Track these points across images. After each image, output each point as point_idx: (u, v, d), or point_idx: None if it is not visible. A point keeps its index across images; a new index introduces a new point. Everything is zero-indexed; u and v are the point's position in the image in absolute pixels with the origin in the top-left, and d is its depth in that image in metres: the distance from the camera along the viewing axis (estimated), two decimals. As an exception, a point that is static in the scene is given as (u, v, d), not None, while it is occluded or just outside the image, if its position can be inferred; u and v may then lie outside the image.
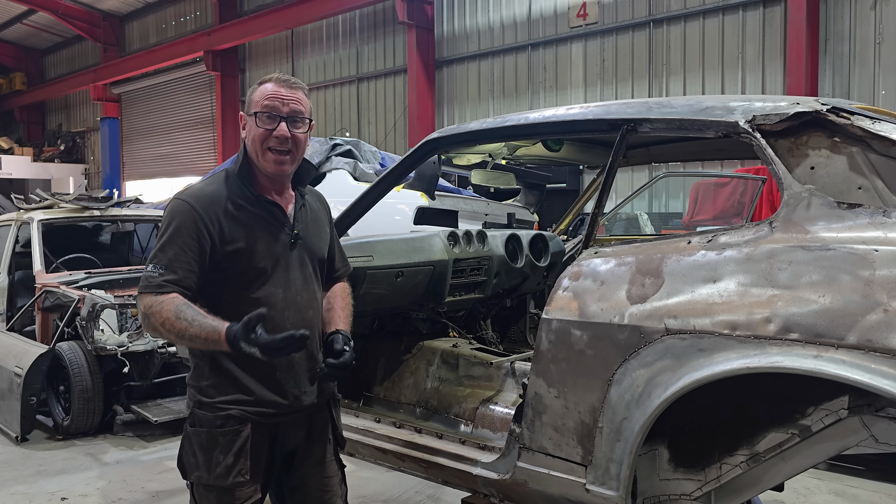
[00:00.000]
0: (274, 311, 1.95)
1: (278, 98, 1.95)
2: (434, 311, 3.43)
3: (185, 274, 1.88)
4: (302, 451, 2.09)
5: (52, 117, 26.56)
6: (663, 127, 2.25)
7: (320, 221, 2.18)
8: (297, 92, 1.99)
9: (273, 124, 1.94)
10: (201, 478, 1.96)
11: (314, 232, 2.12)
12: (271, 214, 2.01)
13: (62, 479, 4.33)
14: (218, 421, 1.95)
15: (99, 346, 4.93)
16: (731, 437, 2.08)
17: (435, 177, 3.24)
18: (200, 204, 1.93)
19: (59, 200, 6.32)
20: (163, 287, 1.85)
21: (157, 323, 1.84)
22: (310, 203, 2.15)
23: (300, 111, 1.98)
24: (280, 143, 1.95)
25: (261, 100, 1.96)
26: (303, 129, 1.99)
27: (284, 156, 1.97)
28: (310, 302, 2.07)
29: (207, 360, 1.98)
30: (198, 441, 1.97)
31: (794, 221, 1.88)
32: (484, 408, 2.84)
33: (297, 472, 2.10)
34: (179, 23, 20.27)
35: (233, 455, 1.93)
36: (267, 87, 1.98)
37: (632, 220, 9.67)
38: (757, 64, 10.08)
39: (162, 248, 1.90)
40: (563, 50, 12.22)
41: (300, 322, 2.00)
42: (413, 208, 5.82)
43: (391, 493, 3.94)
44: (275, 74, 2.03)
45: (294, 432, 2.06)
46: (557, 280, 2.24)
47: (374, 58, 15.28)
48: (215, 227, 1.92)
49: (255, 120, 1.95)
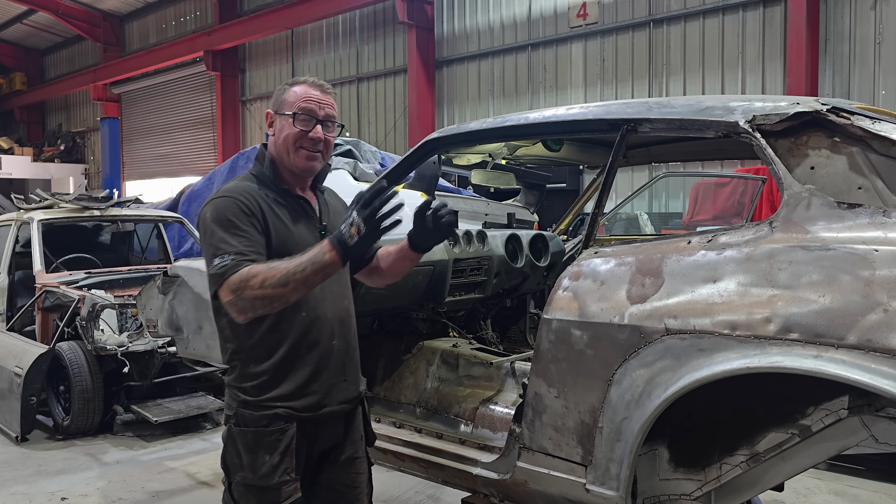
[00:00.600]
0: (314, 302, 1.99)
1: (315, 101, 2.02)
2: (434, 311, 3.43)
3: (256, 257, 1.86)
4: (338, 447, 2.12)
5: (52, 117, 26.56)
6: (663, 127, 2.25)
7: (340, 216, 2.21)
8: (331, 97, 2.07)
9: (309, 126, 2.01)
10: (245, 478, 1.96)
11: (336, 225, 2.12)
12: (301, 208, 2.07)
13: (62, 479, 4.33)
14: (264, 420, 1.95)
15: (99, 346, 4.93)
16: (731, 437, 2.08)
17: (435, 177, 3.24)
18: (241, 196, 1.95)
19: (59, 200, 6.32)
20: (241, 264, 1.81)
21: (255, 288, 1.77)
22: (329, 201, 2.21)
23: (333, 115, 2.06)
24: (314, 144, 2.02)
25: (297, 101, 2.01)
26: (333, 133, 2.08)
27: (316, 153, 2.03)
28: (344, 292, 2.11)
29: (250, 359, 1.98)
30: (243, 441, 1.96)
31: (794, 221, 1.88)
32: (484, 408, 2.84)
33: (330, 468, 2.12)
34: (179, 23, 20.27)
35: (279, 454, 1.94)
36: (303, 88, 2.03)
37: (632, 220, 9.67)
38: (757, 64, 10.08)
39: (223, 241, 1.86)
40: (563, 50, 12.22)
41: (339, 311, 2.07)
42: (413, 208, 5.81)
43: (391, 493, 3.94)
44: (308, 77, 2.08)
45: (334, 429, 2.09)
46: (557, 280, 2.24)
47: (374, 58, 15.28)
48: (259, 214, 1.95)
49: (293, 120, 2.00)
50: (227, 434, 2.02)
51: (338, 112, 2.10)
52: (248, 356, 1.99)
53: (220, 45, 17.60)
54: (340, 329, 2.06)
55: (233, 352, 2.02)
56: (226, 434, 2.03)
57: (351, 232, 1.74)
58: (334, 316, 2.04)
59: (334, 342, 2.04)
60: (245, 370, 1.99)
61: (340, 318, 2.07)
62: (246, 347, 1.99)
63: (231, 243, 1.85)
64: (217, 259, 1.84)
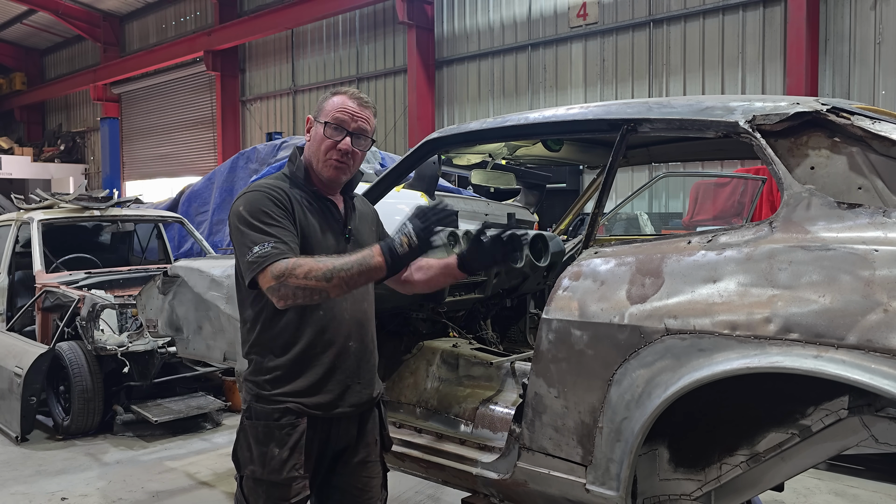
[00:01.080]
0: (333, 302, 2.01)
1: (350, 112, 2.03)
2: (434, 311, 3.43)
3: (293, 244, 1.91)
4: (351, 449, 2.13)
5: (52, 117, 26.55)
6: (663, 127, 2.25)
7: (368, 223, 2.26)
8: (368, 111, 2.08)
9: (339, 136, 2.03)
10: (255, 472, 1.99)
11: (363, 230, 2.20)
12: (329, 211, 2.10)
13: (62, 479, 4.33)
14: (275, 414, 1.98)
15: (99, 346, 4.93)
16: (731, 437, 2.08)
17: (435, 177, 3.24)
18: (273, 190, 1.99)
19: (59, 200, 6.32)
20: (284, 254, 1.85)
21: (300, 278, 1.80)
22: (358, 206, 2.23)
23: (366, 130, 2.07)
24: (342, 155, 2.04)
25: (332, 111, 2.04)
26: (364, 147, 2.08)
27: (343, 164, 2.05)
28: (364, 294, 2.13)
29: (267, 354, 2.02)
30: (254, 434, 2.00)
31: (794, 221, 1.88)
32: (484, 408, 2.84)
33: (342, 470, 2.12)
34: (179, 23, 20.27)
35: (288, 449, 1.96)
36: (340, 99, 2.05)
37: (632, 220, 9.67)
38: (757, 64, 10.08)
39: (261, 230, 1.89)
40: (563, 50, 12.22)
41: (357, 313, 2.09)
42: (413, 208, 5.81)
43: (391, 492, 3.93)
44: (350, 89, 2.11)
45: (347, 430, 2.10)
46: (557, 280, 2.24)
47: (374, 58, 15.28)
48: (290, 209, 1.99)
49: (325, 129, 2.02)
50: (239, 427, 2.06)
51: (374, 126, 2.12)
52: (265, 350, 2.03)
53: (220, 45, 17.60)
54: (358, 331, 2.09)
55: (251, 345, 2.06)
56: (239, 427, 2.07)
57: (402, 241, 1.81)
58: (352, 317, 2.07)
59: (350, 343, 2.06)
60: (261, 364, 2.03)
61: (358, 319, 2.09)
62: (264, 341, 2.03)
63: (270, 233, 1.90)
64: (257, 247, 1.87)
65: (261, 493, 1.98)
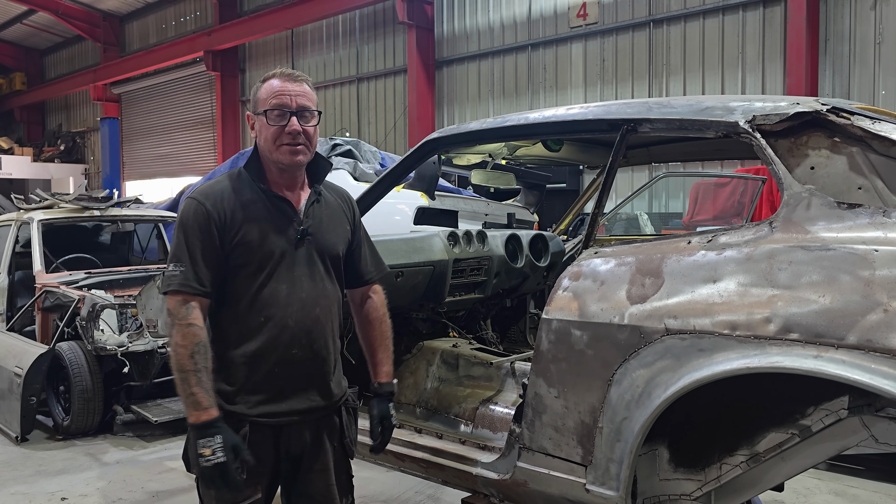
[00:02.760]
0: (276, 308, 1.96)
1: (286, 94, 1.96)
2: (434, 311, 3.43)
3: (203, 272, 1.92)
4: (308, 455, 2.07)
5: (52, 117, 26.55)
6: (663, 127, 2.25)
7: (338, 218, 2.15)
8: (303, 85, 2.00)
9: (284, 121, 1.96)
10: None
11: (328, 228, 2.10)
12: (279, 209, 2.01)
13: (62, 479, 4.33)
14: None
15: (99, 346, 4.93)
16: (731, 437, 2.08)
17: (435, 177, 3.24)
18: (209, 200, 1.97)
19: (59, 200, 6.32)
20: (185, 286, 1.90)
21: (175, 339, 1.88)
22: (326, 199, 2.13)
23: (308, 105, 1.99)
24: (293, 137, 1.97)
25: (268, 97, 1.97)
26: (313, 122, 2.01)
27: (298, 146, 1.98)
28: (317, 300, 2.03)
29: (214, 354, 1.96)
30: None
31: (794, 221, 1.88)
32: (484, 408, 2.84)
33: (303, 476, 2.08)
34: (179, 23, 20.27)
35: None
36: (273, 83, 1.99)
37: (632, 220, 9.67)
38: (757, 64, 10.08)
39: (178, 248, 1.94)
40: (563, 50, 12.22)
41: (306, 319, 2.00)
42: (413, 208, 5.81)
43: (391, 493, 3.94)
44: (277, 69, 2.04)
45: (299, 436, 2.03)
46: (557, 280, 2.24)
47: (374, 58, 15.28)
48: (223, 220, 1.95)
49: (266, 118, 1.97)
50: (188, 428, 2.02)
51: (316, 98, 2.04)
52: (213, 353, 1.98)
53: (220, 46, 17.60)
54: (305, 338, 1.99)
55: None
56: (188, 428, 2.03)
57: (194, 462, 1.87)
58: (297, 324, 1.97)
59: (294, 351, 1.98)
60: None
61: (306, 327, 1.99)
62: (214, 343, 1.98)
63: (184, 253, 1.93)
64: (172, 265, 1.93)
65: (211, 495, 1.96)
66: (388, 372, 2.24)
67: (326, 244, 2.08)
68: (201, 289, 1.91)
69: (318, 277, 2.05)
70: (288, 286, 1.98)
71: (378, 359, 2.24)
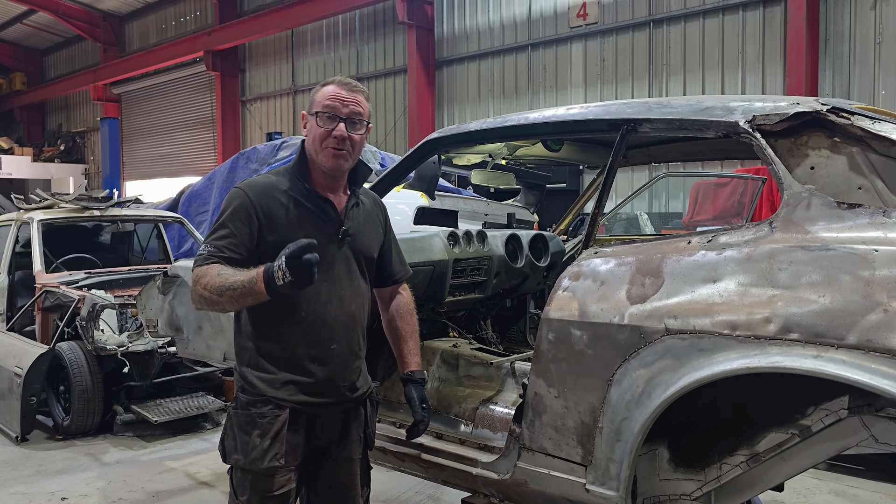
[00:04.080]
0: (317, 304, 2.04)
1: (339, 99, 2.04)
2: (434, 311, 3.42)
3: (232, 253, 1.96)
4: (335, 445, 2.14)
5: (52, 117, 26.55)
6: (663, 127, 2.25)
7: (373, 222, 2.25)
8: (358, 95, 2.07)
9: (333, 124, 2.03)
10: (238, 461, 2.02)
11: (365, 231, 2.19)
12: (322, 210, 2.09)
13: (62, 479, 4.33)
14: (258, 404, 2.02)
15: (99, 346, 4.93)
16: (731, 437, 2.08)
17: (435, 177, 3.24)
18: (253, 191, 2.04)
19: (59, 200, 6.32)
20: (209, 259, 1.94)
21: (201, 288, 1.90)
22: (364, 203, 2.22)
23: (359, 113, 2.07)
24: (338, 142, 2.04)
25: (322, 100, 2.04)
26: (361, 131, 2.08)
27: (341, 151, 2.05)
28: (353, 297, 2.12)
29: (253, 348, 2.06)
30: (238, 422, 2.04)
31: (794, 221, 1.88)
32: (484, 408, 2.84)
33: (327, 465, 2.15)
34: (179, 23, 20.27)
35: (269, 438, 1.99)
36: (329, 88, 2.06)
37: (632, 220, 9.67)
38: (757, 64, 10.08)
39: (214, 230, 2.00)
40: (563, 50, 12.22)
41: (343, 315, 2.09)
42: (413, 208, 5.81)
43: (391, 493, 3.94)
44: (337, 77, 2.11)
45: (330, 426, 2.12)
46: (557, 280, 2.24)
47: (374, 58, 15.28)
48: (265, 213, 2.01)
49: (316, 119, 2.04)
50: (227, 417, 2.10)
51: (369, 110, 2.11)
52: (251, 344, 2.07)
53: (220, 45, 17.60)
54: (343, 333, 2.09)
55: (238, 338, 2.11)
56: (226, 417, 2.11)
57: (278, 274, 1.78)
58: (336, 320, 2.07)
59: (333, 346, 2.07)
60: (246, 357, 2.08)
61: (344, 322, 2.09)
62: (250, 335, 2.07)
63: (217, 235, 1.99)
64: (203, 246, 1.98)
65: (247, 485, 2.01)
66: (419, 361, 2.39)
67: (363, 246, 2.18)
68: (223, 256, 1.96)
69: (354, 276, 2.14)
70: (328, 283, 2.06)
71: (409, 348, 2.37)
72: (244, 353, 2.09)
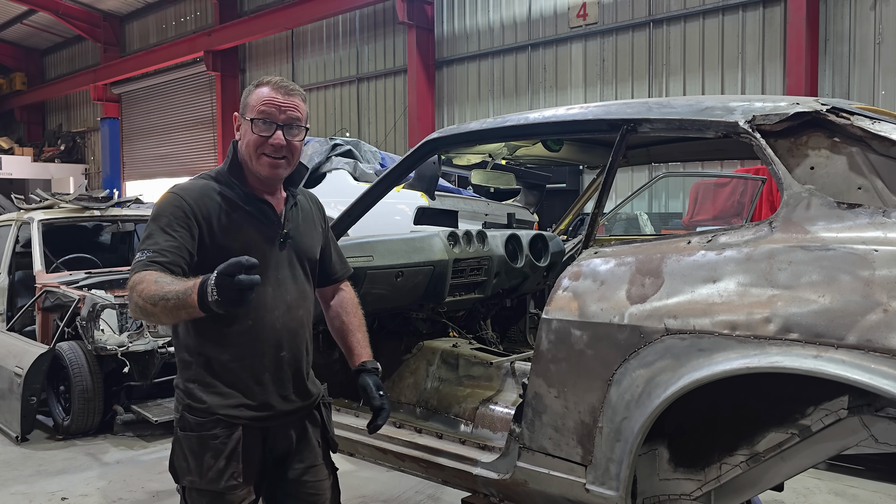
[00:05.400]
0: (264, 311, 1.95)
1: (275, 105, 1.92)
2: (434, 311, 3.43)
3: (173, 258, 1.81)
4: (293, 453, 2.07)
5: (52, 117, 26.55)
6: (663, 127, 2.25)
7: (312, 222, 2.16)
8: (295, 98, 1.96)
9: (269, 131, 1.92)
10: (193, 482, 1.93)
11: (305, 231, 2.11)
12: (262, 213, 2.00)
13: (62, 479, 4.33)
14: (208, 424, 1.92)
15: (99, 346, 4.93)
16: (731, 437, 2.08)
17: (435, 177, 3.25)
18: (190, 196, 1.92)
19: (60, 200, 6.32)
20: (149, 266, 1.77)
21: (136, 295, 1.72)
22: (301, 203, 2.13)
23: (297, 118, 1.96)
24: (275, 150, 1.93)
25: (257, 105, 1.93)
26: (299, 137, 1.97)
27: (279, 160, 1.95)
28: (299, 301, 2.05)
29: (196, 362, 1.95)
30: (188, 445, 1.94)
31: (793, 221, 1.88)
32: (484, 408, 2.84)
33: (288, 474, 2.07)
34: (179, 23, 20.26)
35: (224, 458, 1.91)
36: (263, 91, 1.94)
37: (632, 220, 9.67)
38: (757, 64, 10.08)
39: (150, 236, 1.86)
40: (563, 50, 12.22)
41: (291, 321, 2.01)
42: (413, 208, 5.82)
43: (391, 493, 3.95)
44: (272, 78, 1.99)
45: (284, 435, 2.04)
46: (557, 280, 2.24)
47: (374, 58, 15.28)
48: (205, 218, 1.90)
49: (251, 126, 1.93)
50: (174, 438, 2.00)
51: (306, 113, 2.00)
52: (194, 358, 1.96)
53: (221, 46, 17.58)
54: (291, 340, 2.01)
55: (181, 353, 1.99)
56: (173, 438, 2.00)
57: (209, 291, 1.58)
58: (284, 326, 1.98)
59: (283, 353, 1.99)
60: (191, 372, 1.96)
61: (292, 328, 2.01)
62: (192, 348, 1.95)
63: (155, 240, 1.83)
64: (138, 253, 1.83)
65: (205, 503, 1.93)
66: (370, 352, 2.26)
67: (305, 247, 2.09)
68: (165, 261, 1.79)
69: (299, 280, 2.06)
70: (273, 288, 1.98)
71: (358, 340, 2.26)
72: (188, 368, 1.96)
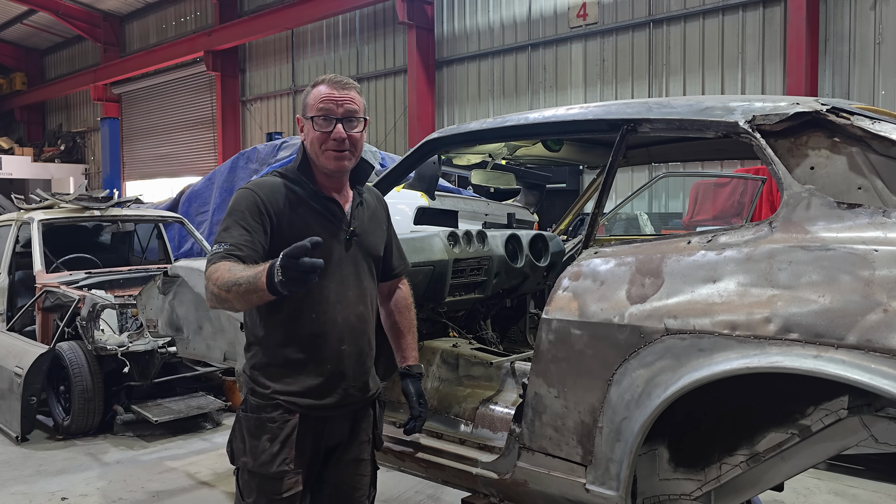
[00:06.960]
0: (327, 305, 2.02)
1: (332, 100, 2.00)
2: (434, 311, 3.42)
3: (248, 252, 1.90)
4: (343, 446, 2.14)
5: (52, 117, 26.55)
6: (663, 127, 2.25)
7: (378, 219, 2.24)
8: (350, 91, 2.03)
9: (329, 126, 2.00)
10: (247, 464, 2.01)
11: (370, 229, 2.18)
12: (329, 211, 2.07)
13: (62, 478, 4.34)
14: (268, 409, 2.01)
15: (99, 346, 4.93)
16: (731, 437, 2.08)
17: (435, 177, 3.24)
18: (262, 191, 2.01)
19: (60, 200, 6.32)
20: (225, 258, 1.87)
21: (212, 284, 1.82)
22: (367, 201, 2.20)
23: (354, 110, 2.03)
24: (338, 144, 2.01)
25: (315, 103, 2.02)
26: (358, 128, 2.05)
27: (342, 152, 2.03)
28: (361, 297, 2.11)
29: (262, 350, 2.05)
30: (247, 426, 2.02)
31: (793, 221, 1.88)
32: (484, 408, 2.84)
33: (334, 466, 2.14)
34: (179, 23, 20.27)
35: (279, 442, 1.98)
36: (320, 89, 2.03)
37: (632, 220, 9.67)
38: (757, 64, 10.08)
39: (226, 229, 1.95)
40: (563, 50, 12.22)
41: (351, 316, 2.07)
42: (413, 208, 5.82)
43: (391, 493, 3.95)
44: (328, 76, 2.07)
45: (339, 428, 2.11)
46: (557, 280, 2.24)
47: (374, 58, 15.28)
48: (276, 214, 1.99)
49: (312, 124, 2.01)
50: (235, 419, 2.09)
51: (363, 104, 2.08)
52: (260, 347, 2.05)
53: (221, 46, 17.60)
54: (352, 334, 2.08)
55: (249, 340, 2.10)
56: (235, 419, 2.09)
57: (276, 272, 1.64)
58: (345, 321, 2.06)
59: (344, 347, 2.06)
60: (256, 360, 2.06)
61: (353, 323, 2.08)
62: (259, 338, 2.06)
63: (231, 234, 1.93)
64: (215, 245, 1.92)
65: (254, 486, 2.00)
66: (416, 356, 2.41)
67: (370, 245, 2.16)
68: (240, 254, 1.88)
69: (362, 276, 2.13)
70: (336, 284, 2.05)
71: (408, 343, 2.38)
72: (254, 356, 2.07)
